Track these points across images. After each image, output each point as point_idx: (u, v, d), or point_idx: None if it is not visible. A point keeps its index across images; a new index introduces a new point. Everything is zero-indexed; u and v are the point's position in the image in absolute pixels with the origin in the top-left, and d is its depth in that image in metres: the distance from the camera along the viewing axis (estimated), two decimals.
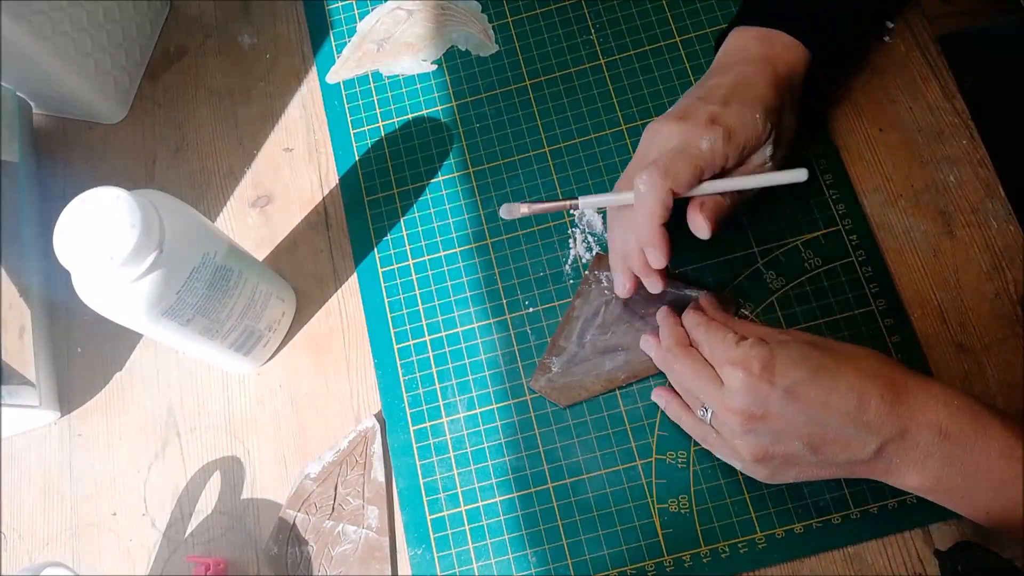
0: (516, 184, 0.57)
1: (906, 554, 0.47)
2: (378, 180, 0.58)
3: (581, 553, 0.49)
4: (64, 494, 0.54)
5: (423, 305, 0.55)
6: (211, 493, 0.53)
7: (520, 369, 0.53)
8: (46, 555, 0.53)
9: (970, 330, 0.50)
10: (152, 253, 0.41)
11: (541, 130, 0.58)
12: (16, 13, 0.51)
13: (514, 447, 0.51)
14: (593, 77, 0.59)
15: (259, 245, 0.58)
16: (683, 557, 0.48)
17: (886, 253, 0.52)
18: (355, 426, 0.52)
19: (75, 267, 0.41)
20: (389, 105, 0.60)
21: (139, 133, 0.62)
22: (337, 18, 0.64)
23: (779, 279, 0.53)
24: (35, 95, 0.62)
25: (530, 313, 0.54)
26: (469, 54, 0.61)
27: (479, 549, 0.49)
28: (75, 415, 0.56)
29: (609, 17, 0.60)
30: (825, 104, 0.56)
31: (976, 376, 0.49)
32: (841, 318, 0.51)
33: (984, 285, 0.51)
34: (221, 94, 0.63)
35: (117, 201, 0.41)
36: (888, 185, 0.54)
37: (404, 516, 0.50)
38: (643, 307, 0.51)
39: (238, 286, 0.48)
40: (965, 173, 0.53)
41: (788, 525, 0.48)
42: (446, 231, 0.57)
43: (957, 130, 0.54)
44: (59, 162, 0.62)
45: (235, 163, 0.61)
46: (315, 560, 0.50)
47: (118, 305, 0.43)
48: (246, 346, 0.52)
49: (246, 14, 0.65)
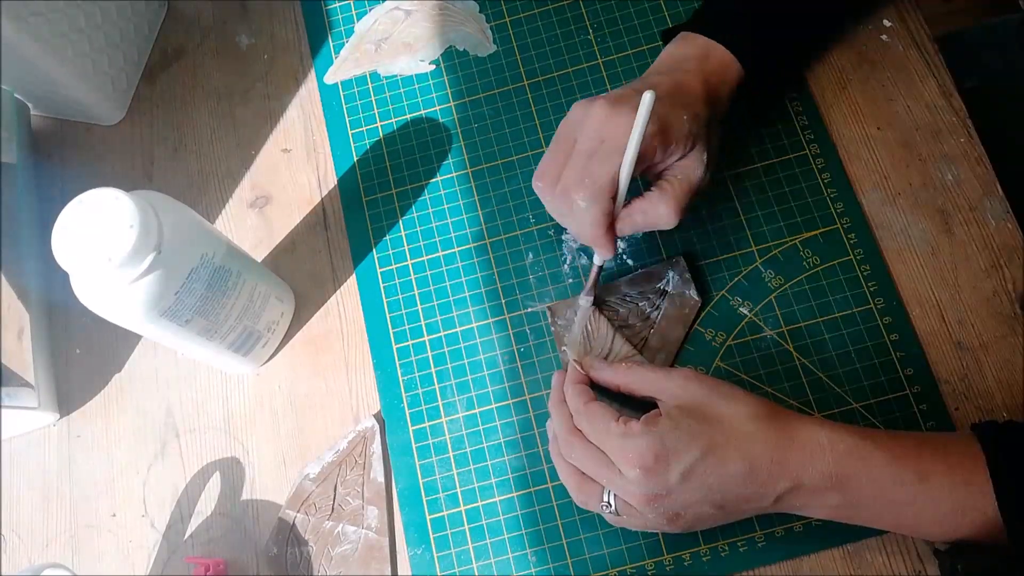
0: (515, 184, 0.57)
1: (906, 553, 0.47)
2: (376, 180, 0.58)
3: (581, 552, 0.49)
4: (63, 495, 0.54)
5: (422, 305, 0.55)
6: (210, 494, 0.53)
7: (519, 369, 0.53)
8: (46, 556, 0.53)
9: (968, 328, 0.50)
10: (150, 254, 0.41)
11: (539, 130, 0.58)
12: (14, 15, 0.51)
13: (513, 447, 0.51)
14: (591, 77, 0.59)
15: (257, 246, 0.58)
16: (683, 556, 0.48)
17: (884, 252, 0.52)
18: (354, 426, 0.52)
19: (73, 268, 0.41)
20: (387, 105, 0.60)
21: (137, 134, 0.62)
22: (335, 18, 0.64)
23: (778, 278, 0.53)
24: (33, 97, 0.62)
25: (529, 313, 0.54)
26: (467, 54, 0.61)
27: (479, 549, 0.49)
28: (74, 416, 0.56)
29: (607, 17, 0.61)
30: (824, 102, 0.56)
31: (975, 374, 0.49)
32: (839, 316, 0.51)
33: (982, 283, 0.51)
34: (219, 95, 0.63)
35: (115, 202, 0.41)
36: (886, 184, 0.54)
37: (404, 516, 0.50)
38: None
39: (237, 287, 0.48)
40: (963, 171, 0.53)
41: (787, 523, 0.48)
42: (445, 231, 0.56)
43: (955, 128, 0.54)
44: (57, 163, 0.62)
45: (233, 164, 0.61)
46: (315, 560, 0.50)
47: (117, 306, 0.43)
48: (245, 347, 0.52)
49: (244, 15, 0.65)
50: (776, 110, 0.57)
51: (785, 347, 0.51)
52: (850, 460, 0.41)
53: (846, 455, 0.41)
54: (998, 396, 0.49)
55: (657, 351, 0.51)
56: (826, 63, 0.57)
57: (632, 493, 0.42)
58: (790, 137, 0.56)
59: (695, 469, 0.41)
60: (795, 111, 0.56)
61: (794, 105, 0.57)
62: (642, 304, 0.52)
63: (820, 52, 0.57)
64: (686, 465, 0.41)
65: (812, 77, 0.57)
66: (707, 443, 0.41)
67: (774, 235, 0.54)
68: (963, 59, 0.64)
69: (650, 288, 0.53)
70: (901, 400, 0.49)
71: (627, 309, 0.52)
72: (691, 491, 0.41)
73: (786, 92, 0.57)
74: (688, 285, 0.52)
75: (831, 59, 0.58)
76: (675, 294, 0.52)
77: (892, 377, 0.50)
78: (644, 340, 0.51)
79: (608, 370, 0.47)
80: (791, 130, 0.56)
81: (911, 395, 0.49)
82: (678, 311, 0.52)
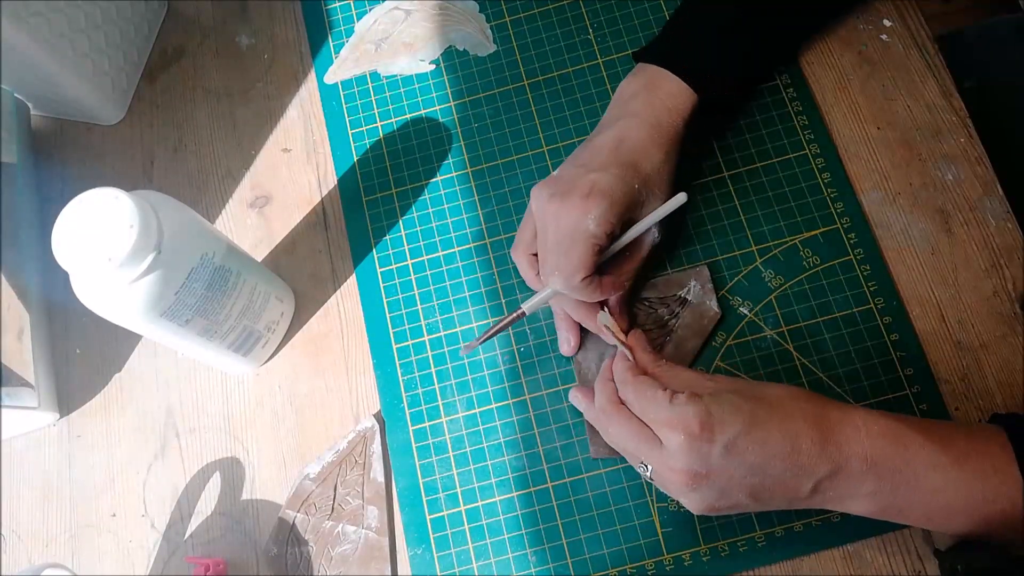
0: (515, 184, 0.57)
1: (906, 553, 0.47)
2: (376, 180, 0.58)
3: (581, 552, 0.49)
4: (63, 495, 0.54)
5: (422, 305, 0.55)
6: (210, 494, 0.53)
7: (519, 369, 0.53)
8: (46, 556, 0.53)
9: (968, 328, 0.50)
10: (150, 254, 0.41)
11: (540, 130, 0.58)
12: (14, 15, 0.51)
13: (513, 447, 0.51)
14: (591, 77, 0.59)
15: (257, 246, 0.58)
16: (683, 556, 0.48)
17: (884, 251, 0.52)
18: (354, 426, 0.52)
19: (73, 268, 0.41)
20: (387, 105, 0.60)
21: (137, 134, 0.62)
22: (335, 18, 0.64)
23: (777, 278, 0.53)
24: (33, 96, 0.62)
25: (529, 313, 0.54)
26: (467, 54, 0.61)
27: (479, 549, 0.49)
28: (74, 416, 0.56)
29: (607, 17, 0.61)
30: (822, 100, 0.56)
31: (975, 374, 0.49)
32: (839, 316, 0.51)
33: (982, 283, 0.51)
34: (219, 95, 0.63)
35: (115, 202, 0.41)
36: (886, 183, 0.54)
37: (404, 516, 0.50)
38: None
39: (237, 286, 0.48)
40: (963, 171, 0.53)
41: (787, 524, 0.48)
42: (445, 231, 0.56)
43: (955, 128, 0.55)
44: (57, 163, 0.62)
45: (233, 164, 0.61)
46: (315, 560, 0.50)
47: (117, 306, 0.43)
48: (245, 347, 0.52)
49: (244, 14, 0.65)
50: (776, 110, 0.57)
51: (785, 347, 0.51)
52: (884, 442, 0.40)
53: (880, 436, 0.40)
54: (998, 396, 0.49)
55: (671, 360, 0.50)
56: (826, 63, 0.58)
57: (672, 468, 0.41)
58: (790, 137, 0.56)
59: (738, 443, 0.40)
60: (795, 111, 0.56)
61: (794, 105, 0.57)
62: (661, 311, 0.52)
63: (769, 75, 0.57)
64: (730, 436, 0.40)
65: (812, 77, 0.57)
66: (751, 417, 0.40)
67: (774, 235, 0.54)
68: (963, 59, 0.64)
69: (670, 295, 0.52)
70: (901, 400, 0.49)
71: (645, 314, 0.52)
72: (733, 470, 0.40)
73: (786, 94, 0.57)
74: (709, 296, 0.52)
75: (831, 59, 0.58)
76: (695, 304, 0.52)
77: (892, 377, 0.50)
78: (660, 348, 0.51)
79: (650, 355, 0.47)
80: (791, 130, 0.56)
81: (911, 395, 0.49)
82: (696, 322, 0.51)
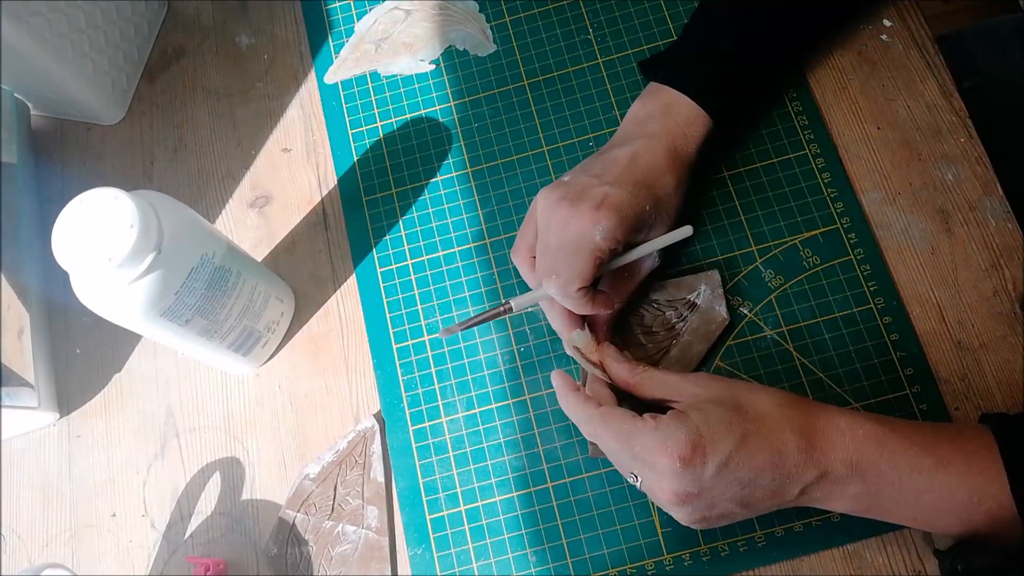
0: (515, 184, 0.57)
1: (905, 553, 0.47)
2: (376, 180, 0.58)
3: (581, 552, 0.49)
4: (63, 495, 0.54)
5: (422, 305, 0.55)
6: (210, 494, 0.53)
7: (519, 369, 0.53)
8: (45, 556, 0.53)
9: (969, 328, 0.50)
10: (150, 254, 0.41)
11: (540, 130, 0.58)
12: (14, 15, 0.51)
13: (513, 447, 0.51)
14: (591, 77, 0.59)
15: (257, 246, 0.58)
16: (683, 556, 0.48)
17: (884, 251, 0.52)
18: (354, 426, 0.52)
19: (73, 268, 0.41)
20: (387, 105, 0.60)
21: (137, 134, 0.62)
22: (335, 18, 0.64)
23: (777, 277, 0.53)
24: (33, 96, 0.62)
25: (529, 312, 0.54)
26: (467, 54, 0.61)
27: (479, 549, 0.49)
28: (74, 416, 0.56)
29: (607, 17, 0.61)
30: (822, 99, 0.56)
31: (975, 374, 0.49)
32: (839, 316, 0.51)
33: (983, 283, 0.51)
34: (219, 95, 0.63)
35: (115, 202, 0.41)
36: (886, 183, 0.54)
37: (404, 516, 0.50)
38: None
39: (237, 286, 0.48)
40: (963, 171, 0.53)
41: (787, 524, 0.48)
42: (445, 231, 0.56)
43: (955, 128, 0.55)
44: (57, 163, 0.62)
45: (233, 164, 0.61)
46: (315, 560, 0.50)
47: (116, 306, 0.43)
48: (245, 347, 0.52)
49: (244, 14, 0.65)
50: (776, 110, 0.57)
51: (785, 347, 0.51)
52: (869, 446, 0.40)
53: (865, 440, 0.40)
54: (998, 396, 0.49)
55: (675, 363, 0.50)
56: (826, 63, 0.58)
57: (663, 490, 0.41)
58: (790, 137, 0.56)
59: (730, 461, 0.40)
60: (795, 111, 0.56)
61: (794, 105, 0.57)
62: (669, 313, 0.51)
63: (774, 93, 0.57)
64: (723, 456, 0.40)
65: (812, 77, 0.57)
66: (741, 432, 0.40)
67: (774, 235, 0.54)
68: (963, 59, 0.65)
69: (679, 298, 0.52)
70: (901, 400, 0.49)
71: (653, 316, 0.52)
72: (723, 486, 0.40)
73: (786, 94, 0.57)
74: (719, 301, 0.51)
75: (831, 59, 0.58)
76: (704, 309, 0.51)
77: (892, 377, 0.50)
78: (665, 351, 0.51)
79: (625, 366, 0.46)
80: (791, 130, 0.56)
81: (911, 395, 0.49)
82: (704, 327, 0.51)
